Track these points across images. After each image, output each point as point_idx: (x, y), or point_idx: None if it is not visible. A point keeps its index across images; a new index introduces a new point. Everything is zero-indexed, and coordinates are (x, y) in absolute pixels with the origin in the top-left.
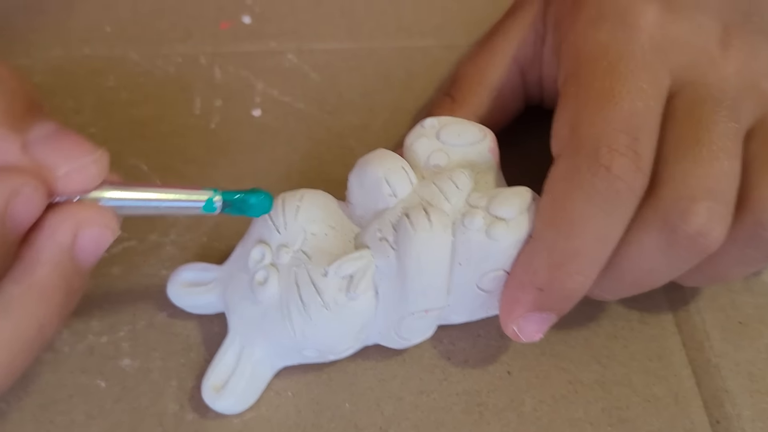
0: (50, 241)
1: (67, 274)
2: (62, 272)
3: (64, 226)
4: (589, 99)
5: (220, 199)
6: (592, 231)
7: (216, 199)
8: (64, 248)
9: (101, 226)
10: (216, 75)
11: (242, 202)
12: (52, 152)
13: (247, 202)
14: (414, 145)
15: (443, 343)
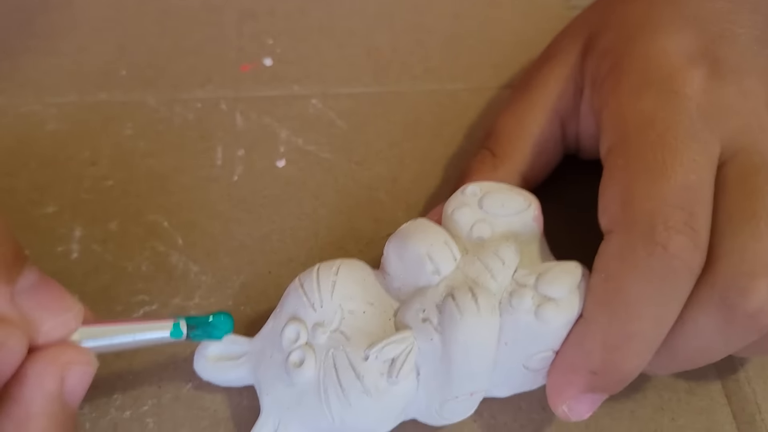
0: (39, 391)
1: (61, 421)
2: (56, 421)
3: (51, 373)
4: (640, 173)
5: (185, 323)
6: (648, 313)
7: (182, 325)
8: (54, 396)
9: (84, 364)
10: (238, 122)
11: (205, 324)
12: (36, 305)
13: (208, 323)
14: (455, 215)
15: (483, 416)
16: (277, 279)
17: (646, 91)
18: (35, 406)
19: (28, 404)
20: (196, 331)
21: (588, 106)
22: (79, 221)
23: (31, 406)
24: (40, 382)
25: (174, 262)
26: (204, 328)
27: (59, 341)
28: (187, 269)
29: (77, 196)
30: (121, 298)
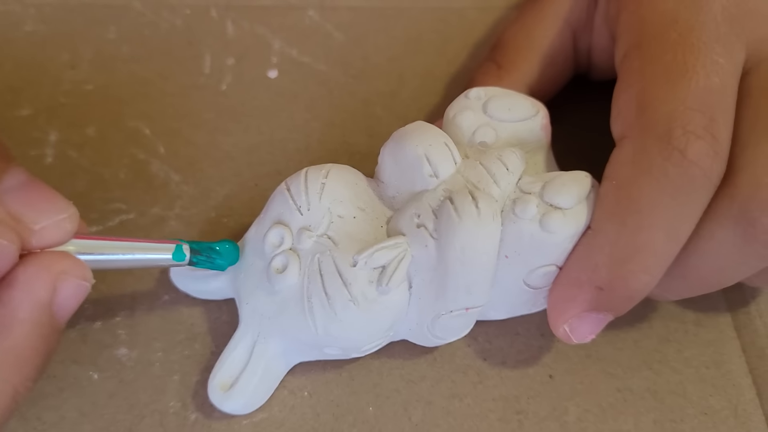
0: (28, 297)
1: (46, 333)
2: (41, 331)
3: (42, 280)
4: (658, 74)
5: (188, 247)
6: (661, 223)
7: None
8: (43, 304)
9: (79, 278)
10: (228, 30)
11: (210, 250)
12: (25, 205)
13: (215, 249)
14: (457, 119)
15: (478, 341)
16: (264, 192)
17: None
18: (22, 311)
19: (15, 308)
20: (199, 257)
21: (602, 18)
22: (55, 125)
23: (17, 311)
24: (31, 287)
25: (154, 170)
26: (208, 255)
27: (55, 247)
28: (168, 178)
29: (54, 99)
30: (96, 205)
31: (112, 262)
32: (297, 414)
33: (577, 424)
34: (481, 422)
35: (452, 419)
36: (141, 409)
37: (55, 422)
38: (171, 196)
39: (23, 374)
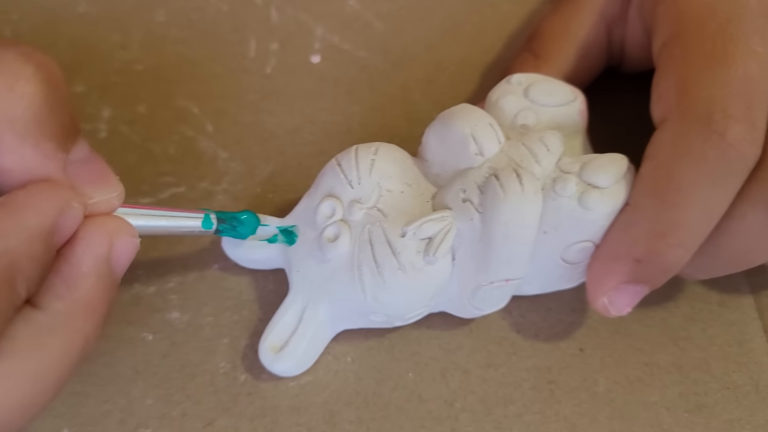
0: (89, 252)
1: (107, 285)
2: (103, 283)
3: (101, 236)
4: (699, 61)
5: (215, 216)
6: (698, 201)
7: (212, 217)
8: (103, 258)
9: (130, 235)
10: (272, 16)
11: (233, 219)
12: (86, 179)
13: (238, 219)
14: (500, 102)
15: (512, 315)
16: (307, 170)
17: None
18: (85, 265)
19: (79, 263)
20: (225, 225)
21: (637, 11)
22: (108, 102)
23: (81, 265)
24: (91, 243)
25: (202, 147)
26: (232, 223)
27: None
28: (216, 155)
29: (106, 77)
30: (147, 179)
31: (149, 228)
32: (341, 378)
33: (606, 395)
34: (514, 390)
35: (487, 387)
36: (192, 369)
37: (111, 378)
38: (219, 172)
39: (92, 322)
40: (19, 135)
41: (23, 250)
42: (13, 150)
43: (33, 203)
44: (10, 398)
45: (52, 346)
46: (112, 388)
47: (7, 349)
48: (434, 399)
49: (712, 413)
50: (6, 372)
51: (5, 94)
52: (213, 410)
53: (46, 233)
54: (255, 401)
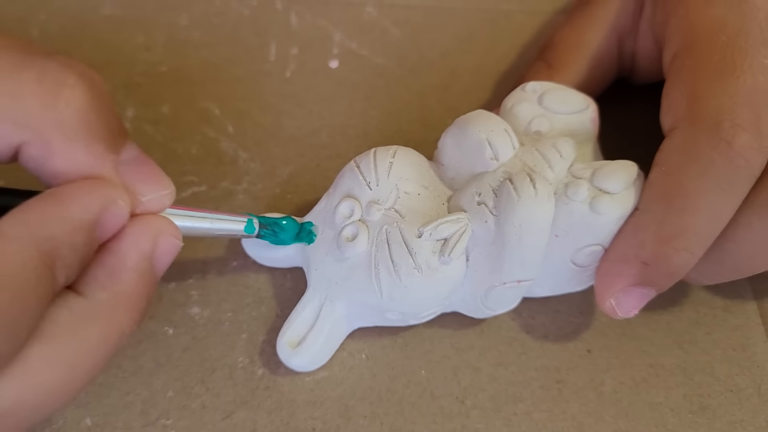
0: (134, 248)
1: (149, 282)
2: (145, 279)
3: (146, 234)
4: (709, 71)
5: (258, 222)
6: (705, 206)
7: (255, 222)
8: (146, 256)
9: (173, 236)
10: (292, 22)
11: (275, 225)
12: (136, 178)
13: (279, 224)
14: (515, 109)
15: (522, 316)
16: (325, 172)
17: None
18: (129, 260)
19: (124, 257)
20: (266, 230)
21: (648, 24)
22: (132, 102)
23: (125, 259)
24: (137, 239)
25: (224, 147)
26: (273, 229)
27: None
28: (237, 155)
29: (131, 78)
30: (170, 177)
31: (194, 229)
32: (355, 374)
33: (612, 395)
34: (523, 389)
35: (497, 385)
36: (212, 363)
37: (134, 371)
38: (239, 172)
39: (130, 316)
40: (69, 138)
41: (65, 239)
42: (63, 153)
43: (78, 196)
44: (45, 383)
45: (90, 334)
46: (135, 380)
47: (47, 332)
48: (446, 396)
49: (715, 414)
50: (43, 355)
51: (51, 101)
52: (231, 403)
53: (88, 226)
54: (272, 395)
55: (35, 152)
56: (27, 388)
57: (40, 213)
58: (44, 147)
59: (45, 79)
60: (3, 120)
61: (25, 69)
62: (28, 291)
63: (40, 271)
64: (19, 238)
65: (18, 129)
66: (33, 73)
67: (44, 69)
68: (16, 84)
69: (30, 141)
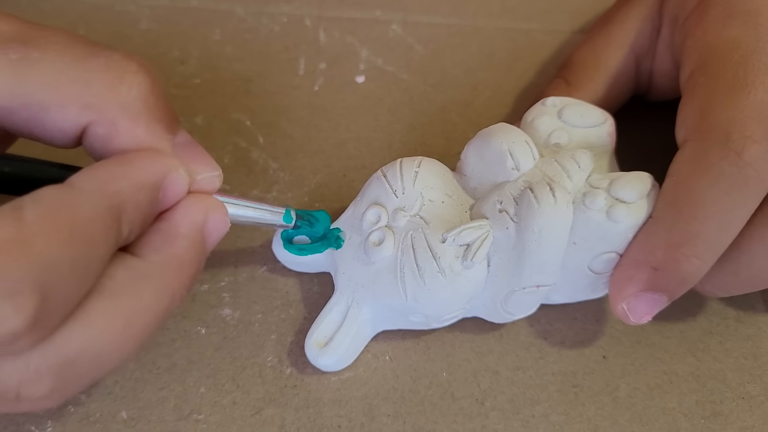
0: (188, 218)
1: (199, 251)
2: (197, 248)
3: (199, 207)
4: (721, 87)
5: (294, 213)
6: (714, 215)
7: (292, 212)
8: (198, 226)
9: (223, 214)
10: (321, 38)
11: (310, 216)
12: (191, 158)
13: (313, 216)
14: (535, 122)
15: (540, 322)
16: (351, 182)
17: (732, 21)
18: (183, 227)
19: (178, 225)
20: (302, 221)
21: (665, 45)
22: None
23: (179, 226)
24: (190, 211)
25: (254, 157)
26: (309, 220)
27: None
28: (267, 165)
29: (166, 90)
30: None
31: (238, 217)
32: (379, 375)
33: (627, 400)
34: (541, 392)
35: (516, 388)
36: (242, 362)
37: (168, 368)
38: (269, 181)
39: (181, 281)
40: (132, 118)
41: (131, 195)
42: (127, 132)
43: (144, 160)
44: (105, 334)
45: (145, 292)
46: (169, 376)
47: (107, 287)
48: (466, 397)
49: (726, 421)
50: (104, 308)
51: (117, 85)
52: (261, 400)
53: (151, 186)
54: (299, 393)
55: (101, 131)
56: (89, 338)
57: (110, 171)
58: (110, 126)
59: (111, 66)
60: (72, 102)
61: (93, 58)
62: (98, 239)
63: (109, 222)
64: (91, 190)
65: (85, 110)
66: (101, 62)
67: (110, 58)
68: (85, 71)
69: (96, 121)
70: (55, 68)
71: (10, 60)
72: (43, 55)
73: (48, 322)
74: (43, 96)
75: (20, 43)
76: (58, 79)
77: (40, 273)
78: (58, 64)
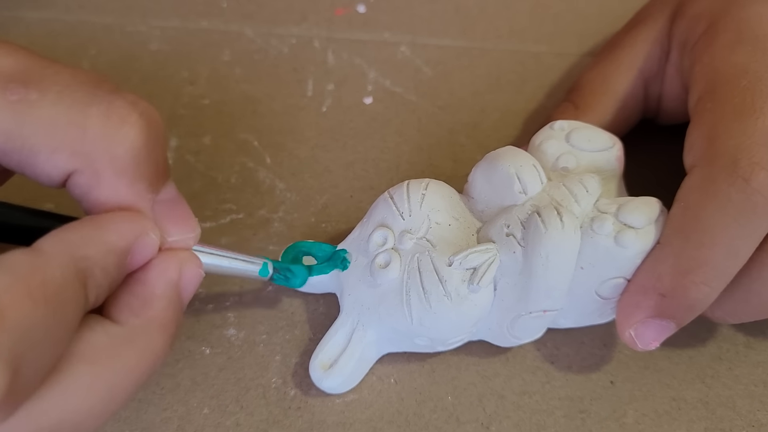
0: (162, 277)
1: (177, 309)
2: (174, 306)
3: (172, 264)
4: (729, 113)
5: (272, 266)
6: (722, 241)
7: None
8: (174, 284)
9: (197, 266)
10: (329, 59)
11: (287, 270)
12: (169, 218)
13: (290, 270)
14: (543, 146)
15: (547, 346)
16: (358, 203)
17: (741, 47)
18: (159, 288)
19: (153, 286)
20: (278, 275)
21: (674, 68)
22: (175, 133)
23: (155, 288)
24: (164, 269)
25: (261, 177)
26: (285, 274)
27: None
28: (274, 185)
29: (175, 110)
30: (210, 205)
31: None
32: (384, 397)
33: (634, 426)
34: (547, 417)
35: (522, 413)
36: (247, 383)
37: (172, 388)
38: (276, 201)
39: (163, 341)
40: (118, 173)
41: (98, 260)
42: (109, 185)
43: (114, 223)
44: (86, 403)
45: (127, 357)
46: (172, 397)
47: (87, 355)
48: (471, 422)
49: None
50: (84, 377)
51: (112, 135)
52: (264, 422)
53: (120, 251)
54: (303, 415)
55: (83, 181)
56: (68, 409)
57: (79, 234)
58: (93, 177)
59: (111, 114)
60: (63, 149)
61: (94, 104)
62: (65, 304)
63: (76, 287)
64: (58, 254)
65: (73, 158)
66: (101, 108)
67: (111, 105)
68: (82, 116)
69: (81, 170)
70: (53, 112)
71: (9, 102)
72: (43, 97)
73: (19, 396)
74: (37, 140)
75: (21, 82)
76: (53, 124)
77: (13, 346)
78: (57, 107)
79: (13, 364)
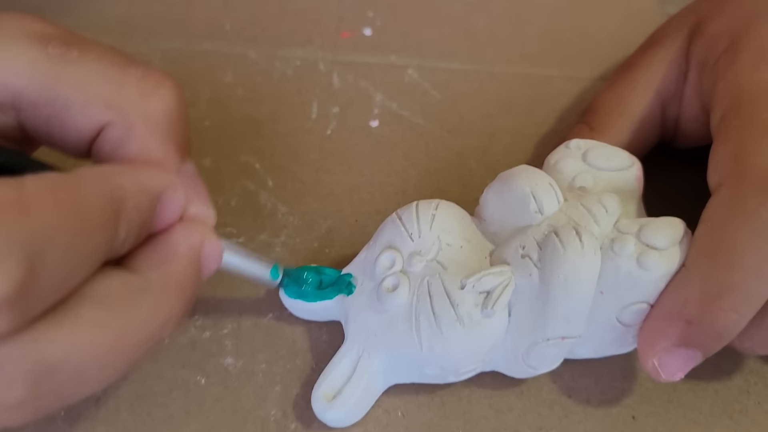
0: (186, 238)
1: (197, 274)
2: (195, 270)
3: (196, 230)
4: (756, 130)
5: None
6: (753, 265)
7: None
8: (196, 247)
9: (218, 245)
10: (334, 82)
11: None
12: (190, 190)
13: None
14: (559, 165)
15: (564, 378)
16: (364, 228)
17: (765, 65)
18: (182, 247)
19: (176, 245)
20: (288, 279)
21: (693, 89)
22: None
23: (178, 246)
24: (188, 233)
25: (263, 201)
26: (295, 278)
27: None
28: (276, 209)
29: None
30: None
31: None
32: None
33: None
34: None
35: None
36: (244, 415)
37: (164, 419)
38: (278, 225)
39: (177, 301)
40: (151, 130)
41: (133, 194)
42: (141, 141)
43: (149, 168)
44: (93, 344)
45: (141, 307)
46: (164, 428)
47: (101, 296)
48: None
49: None
50: (95, 317)
51: (148, 94)
52: None
53: (153, 193)
54: None
55: (116, 133)
56: (74, 345)
57: (115, 168)
58: (126, 130)
59: (148, 76)
60: (97, 101)
61: (132, 66)
62: (96, 228)
63: (108, 213)
64: (95, 177)
65: (107, 110)
66: (138, 71)
67: (149, 69)
68: (121, 75)
69: (114, 122)
70: (92, 68)
71: (49, 54)
72: (83, 55)
73: (31, 302)
74: (71, 92)
75: (63, 42)
76: (91, 78)
77: (33, 241)
78: (96, 64)
79: (30, 260)
